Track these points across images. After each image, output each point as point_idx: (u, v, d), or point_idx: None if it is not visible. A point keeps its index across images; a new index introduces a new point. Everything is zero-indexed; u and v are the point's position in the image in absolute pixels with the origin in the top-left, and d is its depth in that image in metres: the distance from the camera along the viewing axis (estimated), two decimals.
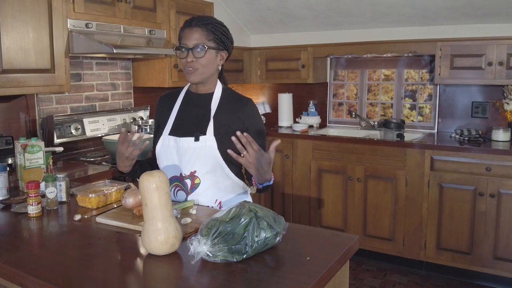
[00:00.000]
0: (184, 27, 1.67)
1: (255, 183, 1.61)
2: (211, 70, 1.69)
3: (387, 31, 3.72)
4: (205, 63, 1.65)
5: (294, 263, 1.18)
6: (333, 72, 4.22)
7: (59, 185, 1.73)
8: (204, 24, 1.64)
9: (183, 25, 1.68)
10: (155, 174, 1.25)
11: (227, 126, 1.67)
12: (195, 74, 1.65)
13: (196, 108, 1.73)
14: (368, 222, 3.46)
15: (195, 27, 1.63)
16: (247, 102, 1.73)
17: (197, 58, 1.63)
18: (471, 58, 3.25)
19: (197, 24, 1.64)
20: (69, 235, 1.44)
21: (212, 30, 1.65)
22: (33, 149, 1.95)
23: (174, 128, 1.73)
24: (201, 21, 1.65)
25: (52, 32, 2.37)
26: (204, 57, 1.63)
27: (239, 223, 1.18)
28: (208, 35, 1.64)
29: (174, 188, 1.72)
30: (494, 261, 3.01)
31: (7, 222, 1.57)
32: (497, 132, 3.26)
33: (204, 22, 1.65)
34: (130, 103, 3.37)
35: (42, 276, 1.12)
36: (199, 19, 1.66)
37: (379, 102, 4.05)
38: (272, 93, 4.48)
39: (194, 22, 1.65)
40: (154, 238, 1.21)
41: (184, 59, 1.64)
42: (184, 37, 1.65)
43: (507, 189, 2.93)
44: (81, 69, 2.98)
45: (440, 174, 3.13)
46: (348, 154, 3.48)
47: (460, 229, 3.10)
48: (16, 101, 2.60)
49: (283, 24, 4.07)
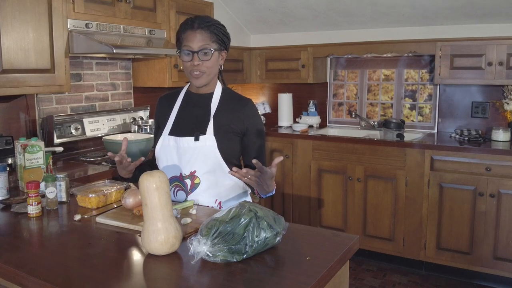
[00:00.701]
0: (185, 29, 1.65)
1: (257, 193, 1.67)
2: (215, 71, 1.70)
3: (387, 31, 3.72)
4: (211, 65, 1.65)
5: (294, 263, 1.18)
6: (333, 72, 4.22)
7: (59, 185, 1.73)
8: (207, 26, 1.63)
9: (183, 27, 1.66)
10: (155, 174, 1.25)
11: (227, 126, 1.68)
12: (202, 78, 1.65)
13: (196, 108, 1.73)
14: (368, 222, 3.46)
15: (199, 30, 1.62)
16: (247, 102, 1.73)
17: (203, 61, 1.62)
18: (471, 58, 3.25)
19: (200, 26, 1.63)
20: (69, 235, 1.44)
21: (215, 31, 1.65)
22: (33, 149, 1.95)
23: (174, 128, 1.73)
24: (203, 22, 1.63)
25: (52, 32, 2.37)
26: (210, 60, 1.63)
27: (239, 223, 1.18)
28: (211, 37, 1.63)
29: (174, 188, 1.72)
30: (494, 261, 3.01)
31: (7, 222, 1.57)
32: (497, 132, 3.26)
33: (206, 24, 1.64)
34: (130, 103, 3.37)
35: (42, 276, 1.12)
36: (201, 21, 1.64)
37: (379, 102, 4.05)
38: (272, 93, 4.48)
39: (197, 24, 1.63)
40: (154, 238, 1.21)
41: (190, 63, 1.63)
42: (187, 39, 1.63)
43: (507, 189, 2.93)
44: (81, 69, 2.98)
45: (440, 174, 3.13)
46: (348, 154, 3.48)
47: (460, 229, 3.10)
48: (16, 101, 2.60)
49: (283, 24, 4.07)
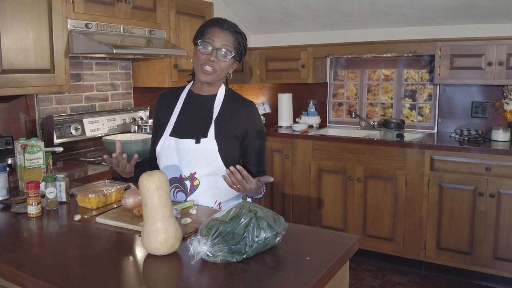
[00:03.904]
0: (213, 25, 1.64)
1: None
2: (223, 75, 1.69)
3: (387, 31, 3.72)
4: (224, 67, 1.65)
5: (294, 263, 1.18)
6: (333, 72, 4.22)
7: (59, 185, 1.73)
8: (235, 31, 1.65)
9: (212, 23, 1.65)
10: (155, 174, 1.25)
11: (228, 130, 1.67)
12: (211, 75, 1.64)
13: (198, 110, 1.72)
14: (368, 222, 3.46)
15: (227, 31, 1.63)
16: (248, 105, 1.73)
17: (219, 60, 1.62)
18: (471, 58, 3.25)
19: (229, 28, 1.64)
20: (69, 235, 1.44)
21: (239, 40, 1.66)
22: (33, 149, 1.95)
23: (175, 129, 1.72)
24: (233, 27, 1.65)
25: (52, 32, 2.37)
26: (226, 62, 1.64)
27: (239, 223, 1.19)
28: (234, 43, 1.65)
29: (173, 189, 1.72)
30: (494, 261, 3.01)
31: (7, 222, 1.57)
32: (497, 132, 3.26)
33: (235, 29, 1.66)
34: (130, 103, 3.37)
35: (42, 276, 1.12)
36: (231, 25, 1.66)
37: (379, 102, 4.05)
38: (272, 93, 4.48)
39: (226, 26, 1.64)
40: (154, 238, 1.21)
41: (206, 56, 1.62)
42: (213, 34, 1.62)
43: (507, 189, 2.93)
44: (81, 69, 2.98)
45: (440, 174, 3.13)
46: (348, 154, 3.48)
47: (460, 229, 3.10)
48: (16, 101, 2.60)
49: (283, 24, 4.07)
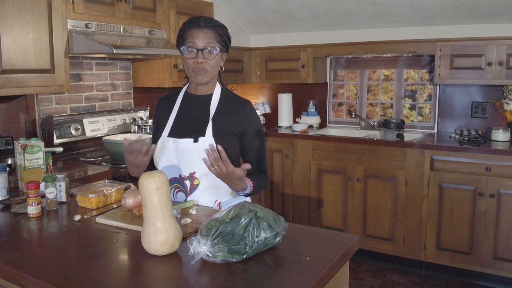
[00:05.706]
0: (190, 27, 1.65)
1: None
2: (216, 71, 1.71)
3: (387, 31, 3.72)
4: (214, 64, 1.66)
5: (294, 263, 1.18)
6: (333, 72, 4.22)
7: (59, 185, 1.73)
8: (213, 26, 1.65)
9: (188, 25, 1.66)
10: (155, 174, 1.25)
11: (226, 128, 1.68)
12: (204, 76, 1.66)
13: (195, 110, 1.73)
14: (368, 222, 3.46)
15: (205, 28, 1.63)
16: (245, 104, 1.74)
17: (207, 59, 1.63)
18: (471, 58, 3.25)
19: (206, 25, 1.64)
20: (69, 236, 1.44)
21: (220, 32, 1.66)
22: (33, 150, 1.95)
23: (173, 130, 1.73)
24: (209, 22, 1.65)
25: (52, 32, 2.37)
26: (214, 59, 1.65)
27: (239, 223, 1.18)
28: (216, 37, 1.65)
29: (173, 189, 1.72)
30: (494, 261, 3.01)
31: (7, 223, 1.57)
32: (497, 132, 3.26)
33: (212, 24, 1.66)
34: (130, 103, 3.37)
35: (42, 276, 1.12)
36: (207, 20, 1.66)
37: (379, 102, 4.05)
38: (272, 93, 4.48)
39: (203, 23, 1.64)
40: (154, 238, 1.21)
41: (193, 60, 1.64)
42: (192, 36, 1.63)
43: (507, 189, 2.93)
44: (80, 70, 2.98)
45: (440, 174, 3.13)
46: (348, 154, 3.48)
47: (460, 229, 3.10)
48: (16, 101, 2.60)
49: (283, 24, 4.07)
